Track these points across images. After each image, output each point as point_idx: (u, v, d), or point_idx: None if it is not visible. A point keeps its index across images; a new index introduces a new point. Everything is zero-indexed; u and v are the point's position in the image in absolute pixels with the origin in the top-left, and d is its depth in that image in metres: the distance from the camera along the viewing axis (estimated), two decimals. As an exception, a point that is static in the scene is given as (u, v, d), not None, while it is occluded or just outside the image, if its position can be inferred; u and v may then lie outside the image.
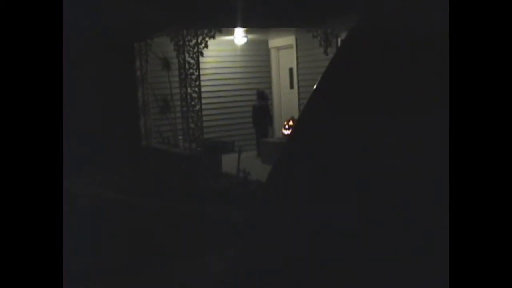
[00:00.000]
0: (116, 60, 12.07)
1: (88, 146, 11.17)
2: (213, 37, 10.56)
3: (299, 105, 12.63)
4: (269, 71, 13.76)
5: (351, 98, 1.63)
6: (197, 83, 10.60)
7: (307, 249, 1.56)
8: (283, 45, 13.26)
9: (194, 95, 10.60)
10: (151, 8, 10.45)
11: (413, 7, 1.53)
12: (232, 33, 11.75)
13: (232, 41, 12.45)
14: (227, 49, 12.82)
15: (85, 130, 11.23)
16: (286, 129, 11.50)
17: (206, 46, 10.53)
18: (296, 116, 11.95)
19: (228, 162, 10.42)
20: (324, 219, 1.52)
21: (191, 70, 10.52)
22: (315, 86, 1.85)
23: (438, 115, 1.30)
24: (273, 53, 13.72)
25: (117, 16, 10.96)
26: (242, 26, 10.81)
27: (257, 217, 1.96)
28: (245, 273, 1.87)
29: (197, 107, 10.64)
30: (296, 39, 12.63)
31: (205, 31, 10.44)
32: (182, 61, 10.60)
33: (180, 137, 11.30)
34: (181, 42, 10.54)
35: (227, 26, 10.65)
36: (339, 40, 11.50)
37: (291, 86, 13.20)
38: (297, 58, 12.71)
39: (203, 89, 11.02)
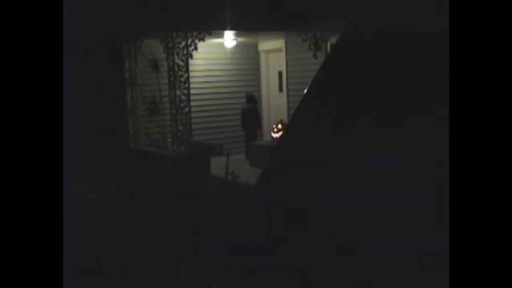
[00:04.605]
0: (105, 61, 12.01)
1: (75, 147, 11.09)
2: (203, 39, 10.55)
3: (288, 108, 12.65)
4: (258, 74, 13.77)
5: (343, 101, 1.61)
6: (186, 85, 10.58)
7: (298, 252, 1.55)
8: (272, 49, 13.28)
9: (183, 97, 10.57)
10: (141, 9, 10.41)
11: (409, 7, 1.52)
12: (221, 36, 11.75)
13: (221, 44, 12.44)
14: (216, 51, 12.81)
15: (73, 131, 11.15)
16: (274, 132, 11.51)
17: (196, 48, 10.50)
18: (285, 119, 11.96)
19: (217, 165, 10.40)
20: (316, 222, 1.51)
21: (180, 72, 10.49)
22: (306, 90, 1.83)
23: (436, 123, 1.28)
24: (262, 56, 13.73)
25: (106, 18, 10.91)
26: (232, 29, 10.80)
27: (246, 220, 1.94)
28: (232, 276, 1.85)
29: (186, 109, 10.61)
30: (286, 43, 12.65)
31: (195, 33, 10.42)
32: (171, 63, 10.57)
33: (169, 140, 11.26)
34: (171, 44, 10.51)
35: (216, 29, 10.64)
36: (328, 44, 11.53)
37: (280, 89, 13.21)
38: (286, 61, 12.74)
39: (192, 91, 11.00)
